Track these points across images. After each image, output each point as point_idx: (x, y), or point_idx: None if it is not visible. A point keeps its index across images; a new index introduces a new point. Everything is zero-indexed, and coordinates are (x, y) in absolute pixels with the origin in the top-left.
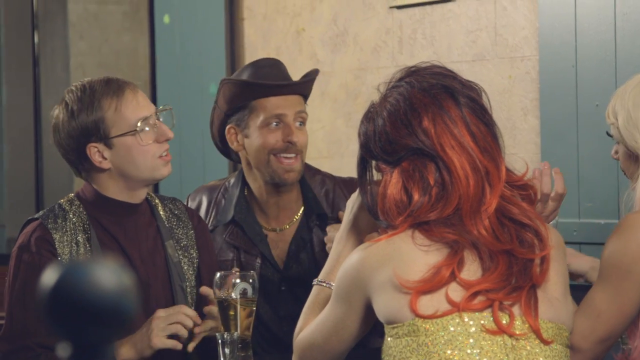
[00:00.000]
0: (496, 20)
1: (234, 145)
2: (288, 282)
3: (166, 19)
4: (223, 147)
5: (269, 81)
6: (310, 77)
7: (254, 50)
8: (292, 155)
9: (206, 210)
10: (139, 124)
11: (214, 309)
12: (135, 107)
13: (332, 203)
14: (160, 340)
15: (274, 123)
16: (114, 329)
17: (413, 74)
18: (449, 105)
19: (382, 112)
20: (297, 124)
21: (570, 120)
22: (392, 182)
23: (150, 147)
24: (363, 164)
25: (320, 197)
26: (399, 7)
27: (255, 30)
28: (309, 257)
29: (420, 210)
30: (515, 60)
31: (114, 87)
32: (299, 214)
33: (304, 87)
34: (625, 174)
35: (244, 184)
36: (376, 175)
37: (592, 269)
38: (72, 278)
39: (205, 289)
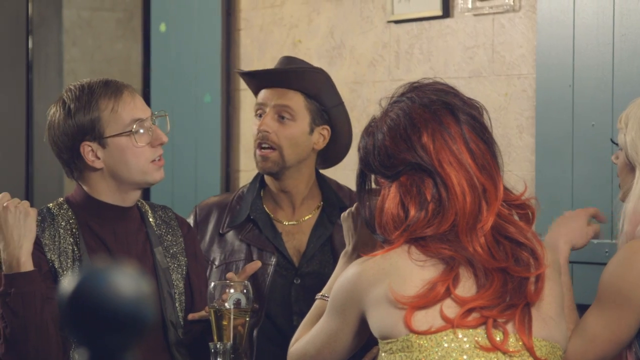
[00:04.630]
0: (494, 37)
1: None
2: (302, 277)
3: (162, 27)
4: None
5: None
6: (290, 67)
7: (249, 61)
8: (266, 146)
9: (218, 216)
10: (134, 126)
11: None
12: (132, 109)
13: None
14: None
15: (257, 114)
16: (131, 335)
17: (415, 89)
18: (449, 122)
19: (383, 126)
20: (277, 116)
21: (566, 140)
22: (390, 197)
23: (144, 149)
24: (362, 178)
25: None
26: (397, 22)
27: (251, 41)
28: (326, 251)
29: (416, 226)
30: (511, 78)
31: (112, 88)
32: (318, 208)
33: (287, 78)
34: (619, 180)
35: (261, 186)
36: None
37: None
38: (90, 284)
39: (192, 316)
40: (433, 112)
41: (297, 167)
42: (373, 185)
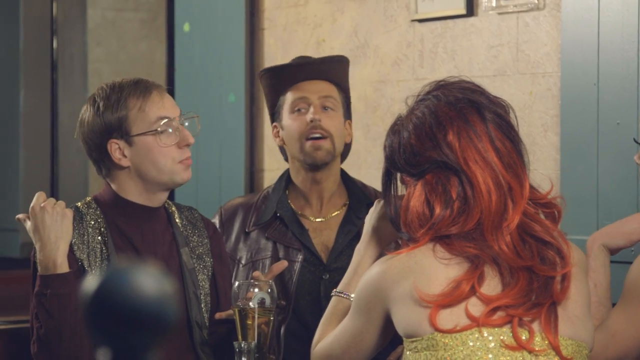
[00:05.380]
0: (518, 35)
1: (277, 142)
2: (331, 272)
3: (186, 27)
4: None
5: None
6: (332, 59)
7: (273, 60)
8: (318, 135)
9: (244, 216)
10: (160, 125)
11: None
12: (159, 108)
13: None
14: None
15: (301, 108)
16: (154, 335)
17: (441, 87)
18: (475, 120)
19: (408, 124)
20: (324, 108)
21: (591, 138)
22: (415, 195)
23: (170, 149)
24: (388, 176)
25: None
26: (421, 21)
27: (275, 41)
28: (354, 247)
29: (441, 224)
30: (536, 77)
31: (141, 88)
32: (345, 206)
33: (325, 69)
34: None
35: (287, 184)
36: (400, 188)
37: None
38: (115, 283)
39: (219, 315)
40: (459, 110)
41: (336, 159)
42: (399, 184)
